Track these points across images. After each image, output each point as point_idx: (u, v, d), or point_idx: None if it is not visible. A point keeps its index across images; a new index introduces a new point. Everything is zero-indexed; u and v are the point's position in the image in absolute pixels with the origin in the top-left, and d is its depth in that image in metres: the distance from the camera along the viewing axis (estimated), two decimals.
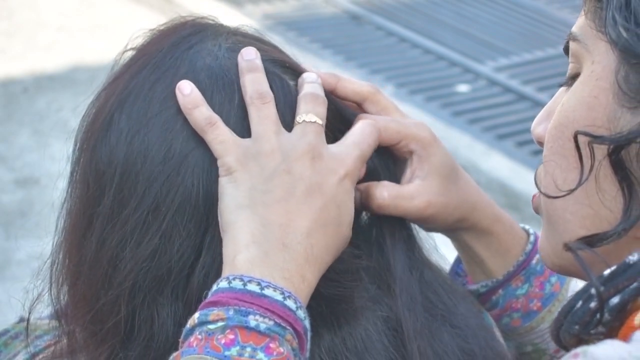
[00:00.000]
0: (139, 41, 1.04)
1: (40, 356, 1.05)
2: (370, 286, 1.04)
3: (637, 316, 0.81)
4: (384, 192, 1.06)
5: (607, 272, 0.83)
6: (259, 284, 0.90)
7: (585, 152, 0.87)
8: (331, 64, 5.65)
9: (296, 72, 1.05)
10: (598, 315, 0.83)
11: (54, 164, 1.05)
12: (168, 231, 0.96)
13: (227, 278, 0.91)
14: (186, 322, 0.93)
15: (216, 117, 0.97)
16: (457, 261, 1.23)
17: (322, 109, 1.00)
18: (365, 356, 0.99)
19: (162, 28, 1.05)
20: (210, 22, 1.06)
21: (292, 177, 0.95)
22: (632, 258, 0.83)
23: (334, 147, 1.00)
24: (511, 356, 1.14)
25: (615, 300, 0.82)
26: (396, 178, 1.09)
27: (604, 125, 0.86)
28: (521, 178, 4.50)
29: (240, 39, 1.04)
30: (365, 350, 0.99)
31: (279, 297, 0.90)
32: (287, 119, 1.00)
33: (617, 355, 0.76)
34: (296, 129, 0.98)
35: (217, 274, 0.95)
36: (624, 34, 0.84)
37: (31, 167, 4.46)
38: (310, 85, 1.02)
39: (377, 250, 1.07)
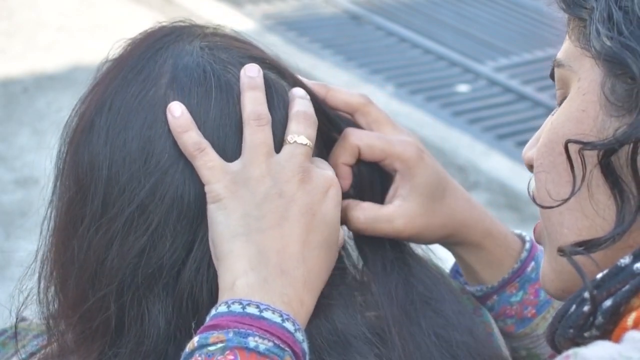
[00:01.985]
0: (118, 52, 1.05)
1: (36, 356, 1.05)
2: (348, 280, 1.05)
3: (629, 317, 0.82)
4: (360, 216, 1.07)
5: (599, 275, 0.84)
6: (257, 306, 0.91)
7: (577, 163, 0.88)
8: (331, 64, 5.65)
9: (276, 68, 1.06)
10: (592, 319, 0.84)
11: (54, 164, 1.06)
12: (158, 230, 0.97)
13: (226, 302, 0.92)
14: (176, 317, 0.95)
15: (205, 143, 0.97)
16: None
17: (313, 130, 1.01)
18: (346, 346, 1.00)
19: (139, 36, 1.05)
20: (187, 24, 1.06)
21: (283, 200, 0.96)
22: (624, 261, 0.84)
23: (317, 167, 1.01)
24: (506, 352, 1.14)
25: (607, 303, 0.83)
26: (384, 188, 1.10)
27: (594, 136, 0.87)
28: (521, 178, 4.50)
29: (217, 39, 1.05)
30: (347, 341, 1.00)
31: (278, 319, 0.91)
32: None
33: (608, 355, 0.77)
34: (286, 149, 0.99)
35: (208, 268, 0.97)
36: (608, 42, 0.86)
37: (31, 167, 4.46)
38: (302, 102, 1.02)
39: (358, 248, 1.09)
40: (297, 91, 1.04)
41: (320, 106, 1.08)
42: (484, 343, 1.07)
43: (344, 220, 1.07)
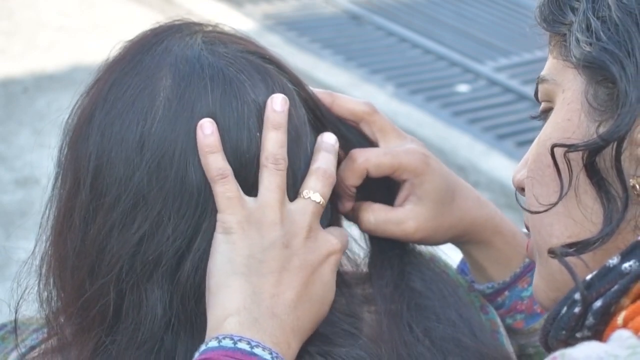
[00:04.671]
0: (118, 51, 1.06)
1: (36, 350, 1.06)
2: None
3: (619, 316, 0.83)
4: (371, 217, 1.10)
5: (588, 277, 0.86)
6: (248, 343, 0.92)
7: (564, 172, 0.90)
8: (331, 64, 5.65)
9: (275, 63, 1.06)
10: (583, 320, 0.85)
11: (55, 161, 1.07)
12: (158, 218, 0.97)
13: (217, 338, 0.93)
14: (174, 305, 0.97)
15: (228, 170, 0.98)
16: (464, 260, 1.24)
17: (329, 189, 1.03)
18: (325, 339, 1.02)
19: (137, 35, 1.06)
20: (185, 22, 1.07)
21: (289, 251, 0.98)
22: (612, 261, 0.85)
23: (325, 230, 1.03)
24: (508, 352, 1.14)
25: (598, 303, 0.85)
26: (393, 195, 1.12)
27: (579, 140, 0.89)
28: None
29: (216, 34, 1.06)
30: (326, 335, 1.02)
31: (268, 357, 0.92)
32: (260, 99, 1.01)
33: (595, 354, 0.77)
34: (299, 202, 1.01)
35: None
36: (587, 48, 0.89)
37: (31, 167, 4.46)
38: (326, 158, 1.04)
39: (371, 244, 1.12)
40: (328, 139, 1.06)
41: (325, 115, 1.09)
42: (484, 342, 1.07)
43: (355, 220, 1.10)
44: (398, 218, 1.10)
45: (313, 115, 1.08)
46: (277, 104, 1.01)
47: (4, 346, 1.10)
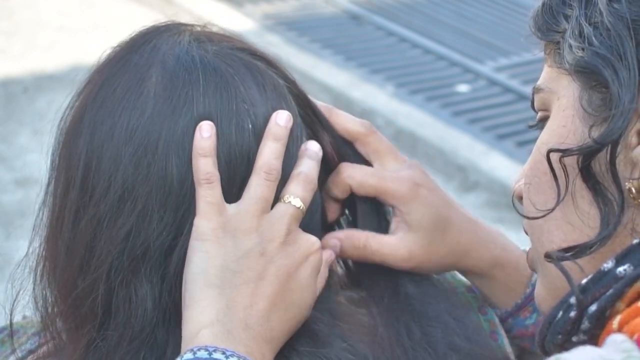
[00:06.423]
0: (109, 52, 1.07)
1: (33, 354, 1.06)
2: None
3: (614, 320, 0.83)
4: (371, 242, 1.09)
5: (584, 281, 0.87)
6: (223, 352, 0.92)
7: (561, 177, 0.91)
8: (331, 64, 5.65)
9: (265, 60, 1.06)
10: (579, 324, 0.86)
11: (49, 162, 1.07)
12: (144, 211, 0.98)
13: (192, 350, 0.93)
14: (164, 299, 0.97)
15: (216, 176, 0.98)
16: None
17: (310, 194, 1.02)
18: (314, 337, 1.02)
19: (126, 37, 1.07)
20: (173, 22, 1.07)
21: (264, 259, 0.98)
22: (607, 265, 0.86)
23: (305, 234, 1.02)
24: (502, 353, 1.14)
25: (593, 307, 0.85)
26: (380, 219, 1.12)
27: (574, 146, 0.90)
28: None
29: (205, 33, 1.06)
30: (315, 334, 1.02)
31: None
32: (250, 94, 1.02)
33: (590, 359, 0.78)
34: (279, 207, 1.00)
35: None
36: (580, 53, 0.90)
37: (31, 167, 4.46)
38: (308, 164, 1.03)
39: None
40: (311, 146, 1.05)
41: (317, 113, 1.10)
42: (479, 344, 1.07)
43: (349, 249, 1.09)
44: (390, 246, 1.09)
45: (305, 111, 1.08)
46: (282, 119, 1.01)
47: (3, 349, 1.10)
